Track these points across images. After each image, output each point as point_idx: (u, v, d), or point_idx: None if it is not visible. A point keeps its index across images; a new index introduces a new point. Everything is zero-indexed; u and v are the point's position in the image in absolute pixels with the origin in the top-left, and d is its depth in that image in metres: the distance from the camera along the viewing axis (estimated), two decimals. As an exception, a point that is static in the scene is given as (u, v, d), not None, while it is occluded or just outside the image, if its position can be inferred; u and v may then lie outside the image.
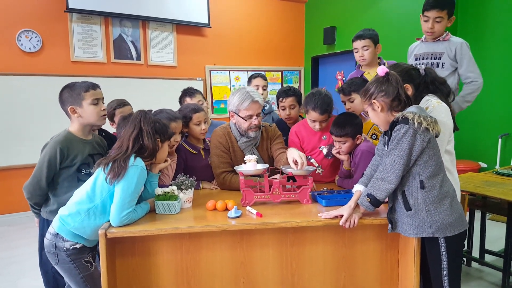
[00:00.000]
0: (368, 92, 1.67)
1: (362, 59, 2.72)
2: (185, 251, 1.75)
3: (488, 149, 4.52)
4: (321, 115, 2.27)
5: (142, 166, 1.68)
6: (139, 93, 4.97)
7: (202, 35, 5.63)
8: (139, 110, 1.81)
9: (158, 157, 1.84)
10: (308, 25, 6.40)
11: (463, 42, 2.46)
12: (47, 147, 1.87)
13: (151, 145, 1.73)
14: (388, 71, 1.65)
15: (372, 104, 1.66)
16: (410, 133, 1.52)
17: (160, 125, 1.81)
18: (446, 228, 1.56)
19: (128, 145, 1.68)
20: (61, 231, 1.67)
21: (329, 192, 2.05)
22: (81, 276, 1.70)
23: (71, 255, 1.68)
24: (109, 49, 4.95)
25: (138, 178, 1.65)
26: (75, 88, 1.91)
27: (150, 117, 1.77)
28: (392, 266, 1.86)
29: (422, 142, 1.53)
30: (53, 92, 2.04)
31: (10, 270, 3.16)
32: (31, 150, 4.33)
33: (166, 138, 1.85)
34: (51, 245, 1.69)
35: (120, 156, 1.65)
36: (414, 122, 1.52)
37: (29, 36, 4.43)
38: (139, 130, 1.72)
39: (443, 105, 1.77)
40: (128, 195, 1.62)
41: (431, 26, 2.45)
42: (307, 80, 6.45)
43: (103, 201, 1.67)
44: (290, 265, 1.81)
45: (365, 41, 2.67)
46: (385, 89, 1.62)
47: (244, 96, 2.21)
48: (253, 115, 2.23)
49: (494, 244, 3.25)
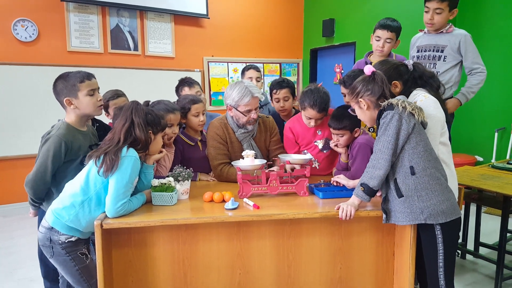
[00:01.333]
0: (355, 91, 1.74)
1: (380, 50, 2.61)
2: (181, 242, 1.75)
3: (484, 143, 4.54)
4: (319, 113, 2.26)
5: (135, 156, 1.67)
6: (136, 84, 4.93)
7: (200, 26, 5.59)
8: (131, 101, 1.78)
9: (152, 148, 1.82)
10: (307, 17, 6.36)
11: (466, 34, 2.44)
12: (50, 141, 1.81)
13: (143, 137, 1.71)
14: (374, 70, 1.72)
15: (358, 102, 1.74)
16: (396, 118, 1.58)
17: (152, 116, 1.78)
18: (438, 214, 1.58)
19: (120, 138, 1.66)
20: (56, 225, 1.66)
21: (326, 185, 2.05)
22: (77, 269, 1.69)
23: (66, 247, 1.67)
24: (106, 39, 4.90)
25: (132, 168, 1.64)
26: (70, 79, 1.86)
27: (141, 108, 1.75)
28: (388, 258, 1.88)
29: (407, 127, 1.58)
30: (49, 82, 2.01)
31: (7, 261, 3.16)
32: (27, 141, 4.32)
33: (159, 130, 1.83)
34: (46, 238, 1.68)
35: (112, 149, 1.63)
36: (398, 106, 1.58)
37: (25, 25, 4.38)
38: (130, 122, 1.70)
39: (430, 98, 1.77)
40: (122, 186, 1.61)
41: (431, 17, 2.42)
42: (306, 72, 6.43)
43: (97, 193, 1.66)
44: (287, 257, 1.82)
45: (391, 34, 2.55)
46: (371, 88, 1.70)
47: (244, 92, 2.21)
48: (252, 109, 2.24)
49: (488, 237, 3.28)
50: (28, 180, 1.85)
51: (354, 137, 2.15)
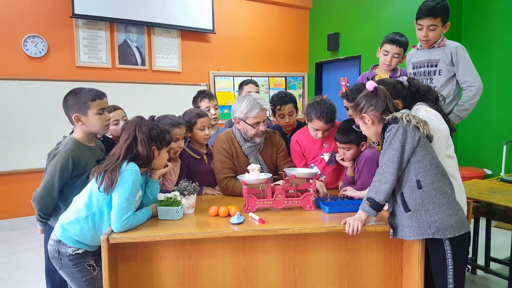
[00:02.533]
0: (358, 106, 1.75)
1: (388, 64, 2.61)
2: (187, 257, 1.74)
3: (493, 156, 4.49)
4: (326, 124, 2.27)
5: (135, 170, 1.67)
6: (144, 98, 4.99)
7: (207, 41, 5.66)
8: (136, 116, 1.79)
9: (156, 163, 1.82)
10: (312, 31, 6.42)
11: (458, 45, 2.38)
12: (57, 157, 1.83)
13: (145, 153, 1.70)
14: (376, 85, 1.73)
15: (363, 118, 1.74)
16: (401, 131, 1.57)
17: (157, 131, 1.78)
18: (446, 229, 1.55)
19: (120, 154, 1.67)
20: (63, 238, 1.69)
21: (332, 199, 2.04)
22: (84, 280, 1.71)
23: (74, 259, 1.69)
24: (114, 54, 4.98)
25: (132, 182, 1.64)
26: (81, 96, 1.87)
27: (146, 123, 1.75)
28: (396, 274, 1.85)
29: (412, 140, 1.57)
30: (58, 97, 2.04)
31: (13, 274, 3.16)
32: (35, 155, 4.36)
33: (163, 145, 1.82)
34: (54, 250, 1.71)
35: (110, 165, 1.64)
36: (403, 120, 1.58)
37: (35, 41, 4.48)
38: (133, 137, 1.70)
39: (432, 112, 1.77)
40: (124, 200, 1.62)
41: (425, 34, 2.38)
42: (311, 86, 6.46)
43: (100, 208, 1.68)
44: (293, 272, 1.80)
45: (399, 49, 2.57)
46: (374, 103, 1.71)
47: (253, 104, 2.22)
48: (260, 122, 2.25)
49: (499, 252, 3.22)
50: (36, 196, 1.86)
51: (361, 150, 2.14)
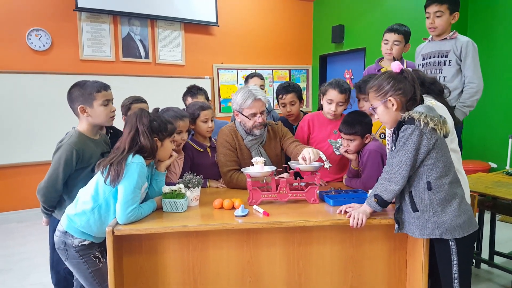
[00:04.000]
0: (382, 89, 1.63)
1: (389, 53, 2.66)
2: (192, 249, 1.75)
3: (498, 149, 4.46)
4: (340, 94, 2.30)
5: (141, 162, 1.68)
6: (147, 91, 4.92)
7: (210, 34, 5.64)
8: (136, 110, 1.80)
9: (160, 155, 1.84)
10: (316, 23, 6.37)
11: (469, 41, 2.43)
12: (61, 149, 1.84)
13: (149, 144, 1.71)
14: (403, 68, 1.62)
15: (386, 101, 1.62)
16: (417, 133, 1.51)
17: (158, 123, 1.78)
18: (455, 229, 1.54)
19: (125, 147, 1.68)
20: (69, 229, 1.70)
21: (337, 192, 2.03)
22: (90, 271, 1.73)
23: (80, 251, 1.71)
24: (117, 47, 4.97)
25: (138, 174, 1.65)
26: (87, 88, 1.89)
27: (146, 115, 1.76)
28: (400, 267, 1.85)
29: (428, 143, 1.52)
30: (62, 90, 2.04)
31: (20, 266, 3.20)
32: (39, 148, 4.38)
33: (165, 136, 1.83)
34: (61, 242, 1.72)
35: (116, 158, 1.65)
36: (420, 122, 1.50)
37: (38, 34, 4.47)
38: (135, 130, 1.71)
39: (438, 105, 1.75)
40: (130, 192, 1.63)
41: (432, 21, 2.45)
42: (315, 78, 6.42)
43: (106, 200, 1.69)
44: (297, 265, 1.81)
45: (398, 36, 2.62)
46: (402, 87, 1.60)
47: (247, 95, 2.21)
48: (256, 113, 2.22)
49: (504, 245, 3.21)
50: (40, 188, 1.88)
51: (365, 143, 2.14)
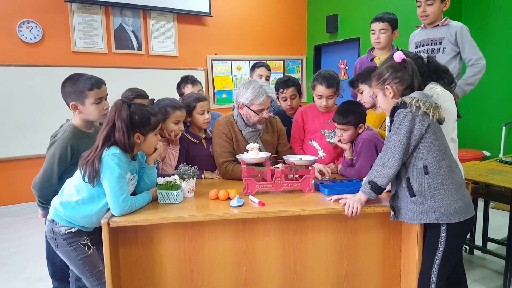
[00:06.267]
0: (382, 77, 1.68)
1: (377, 42, 2.70)
2: (188, 239, 1.76)
3: (491, 138, 4.50)
4: (327, 89, 2.30)
5: (117, 153, 1.62)
6: (141, 83, 4.80)
7: (203, 24, 5.59)
8: (117, 100, 1.70)
9: (144, 148, 1.77)
10: (310, 13, 6.33)
11: (462, 26, 2.47)
12: (56, 144, 1.82)
13: (123, 140, 1.63)
14: (405, 57, 1.65)
15: (384, 89, 1.67)
16: (409, 117, 1.53)
17: (139, 116, 1.68)
18: (451, 214, 1.55)
19: (99, 144, 1.63)
20: (56, 218, 1.71)
21: (332, 181, 2.04)
22: (79, 259, 1.73)
23: (68, 238, 1.71)
24: (110, 39, 4.92)
25: (117, 164, 1.61)
26: (79, 84, 1.84)
27: (126, 108, 1.66)
28: (395, 254, 1.87)
29: (421, 127, 1.54)
30: (54, 82, 2.02)
31: (15, 260, 3.20)
32: (33, 141, 4.35)
33: (148, 130, 1.73)
34: (50, 230, 1.73)
35: (91, 157, 1.61)
36: (412, 106, 1.53)
37: (29, 26, 4.41)
38: (112, 125, 1.64)
39: (447, 93, 1.75)
40: (116, 183, 1.60)
41: (423, 10, 2.48)
42: (310, 69, 6.41)
43: (89, 193, 1.67)
44: (293, 253, 1.82)
45: (384, 24, 2.65)
46: (400, 76, 1.63)
47: (259, 91, 2.21)
48: (264, 109, 2.24)
49: (497, 232, 3.25)
50: (35, 183, 1.87)
51: (358, 133, 2.14)
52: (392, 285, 1.89)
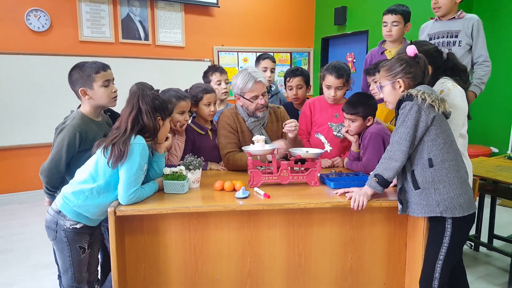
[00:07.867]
0: (393, 70, 1.66)
1: (389, 35, 2.67)
2: (193, 230, 1.76)
3: (500, 134, 4.45)
4: (337, 79, 2.27)
5: (143, 143, 1.65)
6: (147, 73, 4.92)
7: (210, 15, 5.55)
8: (136, 87, 1.73)
9: (160, 135, 1.79)
10: (318, 5, 6.26)
11: (479, 19, 2.47)
12: (64, 131, 1.83)
13: (151, 124, 1.67)
14: (417, 52, 1.63)
15: (395, 82, 1.65)
16: (415, 109, 1.53)
17: (159, 101, 1.73)
18: (455, 208, 1.54)
19: (127, 127, 1.63)
20: (64, 209, 1.69)
21: (338, 175, 2.03)
22: (70, 259, 1.72)
23: (69, 235, 1.69)
24: (117, 29, 4.90)
25: (140, 155, 1.62)
26: (85, 69, 1.86)
27: (148, 94, 1.70)
28: (400, 249, 1.86)
29: (426, 119, 1.53)
30: (62, 71, 2.02)
31: (20, 246, 3.24)
32: (41, 130, 4.38)
33: (167, 115, 1.79)
34: (52, 221, 1.71)
35: (119, 139, 1.60)
36: (418, 98, 1.53)
37: (38, 15, 4.41)
38: (138, 109, 1.66)
39: (458, 88, 1.73)
40: (133, 174, 1.61)
41: (435, 1, 2.47)
42: (317, 61, 6.35)
43: (107, 180, 1.66)
44: (297, 246, 1.82)
45: (396, 17, 2.62)
46: (413, 72, 1.62)
47: (247, 78, 2.19)
48: (258, 95, 2.21)
49: (503, 229, 3.23)
50: (43, 169, 1.88)
51: (367, 125, 2.12)
52: (397, 280, 1.89)
